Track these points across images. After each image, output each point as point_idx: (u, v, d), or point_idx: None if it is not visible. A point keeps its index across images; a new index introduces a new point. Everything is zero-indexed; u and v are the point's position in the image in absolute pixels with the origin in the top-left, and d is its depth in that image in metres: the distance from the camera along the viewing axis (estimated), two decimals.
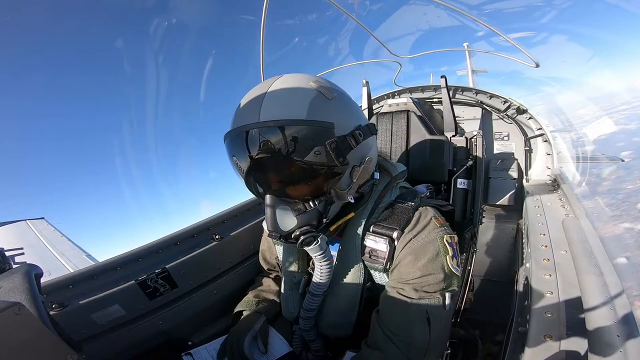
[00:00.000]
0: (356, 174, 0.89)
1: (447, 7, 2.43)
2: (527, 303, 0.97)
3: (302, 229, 0.88)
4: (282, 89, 0.83)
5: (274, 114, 0.79)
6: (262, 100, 0.81)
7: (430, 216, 0.98)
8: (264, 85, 0.86)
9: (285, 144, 0.78)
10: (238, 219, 1.67)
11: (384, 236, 0.95)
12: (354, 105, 0.95)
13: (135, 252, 1.34)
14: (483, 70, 7.62)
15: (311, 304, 1.06)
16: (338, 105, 0.86)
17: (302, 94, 0.82)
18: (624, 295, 0.82)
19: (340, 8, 2.42)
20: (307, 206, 0.88)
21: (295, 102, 0.81)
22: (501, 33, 2.55)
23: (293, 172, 0.83)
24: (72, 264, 4.84)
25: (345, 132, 0.85)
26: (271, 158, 0.81)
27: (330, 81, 0.94)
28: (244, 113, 0.83)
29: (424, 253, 0.90)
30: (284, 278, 1.18)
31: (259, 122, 0.79)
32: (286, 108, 0.80)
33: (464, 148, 1.79)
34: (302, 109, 0.80)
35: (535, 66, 2.63)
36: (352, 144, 0.85)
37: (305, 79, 0.86)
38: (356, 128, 0.88)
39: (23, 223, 5.93)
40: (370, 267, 0.99)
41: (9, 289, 0.67)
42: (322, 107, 0.82)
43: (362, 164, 0.90)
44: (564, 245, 1.17)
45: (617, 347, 0.64)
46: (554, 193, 1.81)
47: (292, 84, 0.85)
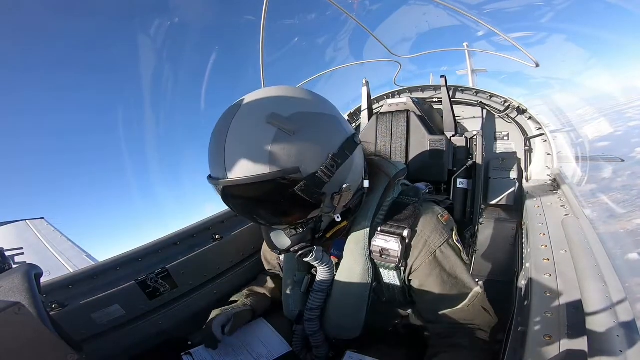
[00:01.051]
0: (336, 200, 0.89)
1: (447, 7, 2.43)
2: (527, 303, 0.97)
3: (297, 246, 0.93)
4: (239, 136, 0.78)
5: (237, 171, 0.77)
6: (223, 152, 0.78)
7: (437, 214, 1.02)
8: (222, 129, 0.80)
9: (256, 194, 0.80)
10: (238, 219, 1.67)
11: (395, 235, 0.96)
12: (327, 125, 0.85)
13: (135, 252, 1.34)
14: (483, 70, 7.63)
15: (315, 302, 1.07)
16: (303, 138, 0.79)
17: (260, 140, 0.76)
18: (624, 296, 0.82)
19: (340, 8, 2.42)
20: (297, 229, 0.92)
21: (254, 154, 0.76)
22: (501, 33, 2.55)
23: (270, 213, 0.88)
24: (72, 264, 4.84)
25: (314, 169, 0.80)
26: (248, 205, 0.86)
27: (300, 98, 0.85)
28: (214, 164, 0.82)
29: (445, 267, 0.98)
30: (285, 277, 1.19)
31: (227, 180, 0.78)
32: (246, 163, 0.76)
33: (464, 148, 1.79)
34: (263, 160, 0.76)
35: (535, 66, 2.62)
36: (325, 178, 0.81)
37: (264, 114, 0.78)
38: (328, 159, 0.82)
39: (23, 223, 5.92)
40: (381, 265, 1.00)
41: (9, 289, 0.67)
42: (285, 149, 0.76)
43: (342, 190, 0.88)
44: (564, 245, 1.16)
45: (617, 347, 0.64)
46: (554, 193, 1.81)
47: (248, 126, 0.78)
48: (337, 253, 1.06)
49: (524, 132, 2.35)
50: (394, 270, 0.99)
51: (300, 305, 1.13)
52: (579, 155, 2.35)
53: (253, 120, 0.78)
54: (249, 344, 1.13)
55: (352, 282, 1.01)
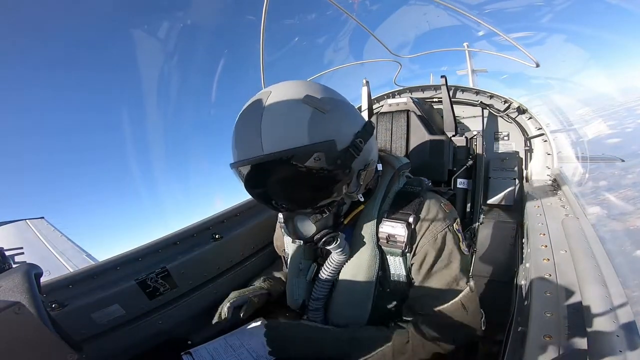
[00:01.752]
0: (362, 177, 0.95)
1: (447, 7, 2.43)
2: (527, 303, 0.97)
3: (321, 232, 0.95)
4: (276, 113, 0.83)
5: (276, 143, 0.81)
6: (260, 128, 0.82)
7: (440, 202, 1.06)
8: (255, 108, 0.85)
9: (292, 171, 0.83)
10: (238, 219, 1.67)
11: (401, 221, 0.99)
12: (349, 109, 0.95)
13: (135, 251, 1.34)
14: (483, 70, 7.61)
15: (320, 292, 1.08)
16: (335, 117, 0.87)
17: (299, 115, 0.82)
18: (623, 296, 0.82)
19: (340, 8, 2.42)
20: (322, 213, 0.94)
21: (293, 127, 0.82)
22: (501, 33, 2.55)
23: (303, 192, 0.90)
24: (72, 263, 4.84)
25: (346, 144, 0.87)
26: (280, 184, 0.87)
27: (322, 86, 0.94)
28: (245, 144, 0.85)
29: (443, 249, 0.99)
30: (289, 266, 1.19)
31: (264, 154, 0.81)
32: (286, 136, 0.81)
33: (464, 148, 1.79)
34: (302, 133, 0.81)
35: (535, 66, 2.62)
36: (355, 153, 0.88)
37: (297, 95, 0.85)
38: (355, 136, 0.90)
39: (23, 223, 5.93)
40: (388, 252, 1.02)
41: (9, 289, 0.67)
42: (321, 125, 0.83)
43: (367, 166, 0.95)
44: (564, 245, 1.17)
45: (616, 347, 0.64)
46: (554, 193, 1.81)
47: (284, 105, 0.84)
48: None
49: (524, 132, 2.35)
50: (400, 256, 1.01)
51: (304, 294, 1.13)
52: (579, 155, 2.35)
53: (290, 99, 0.84)
54: (248, 342, 1.13)
55: (360, 269, 1.03)
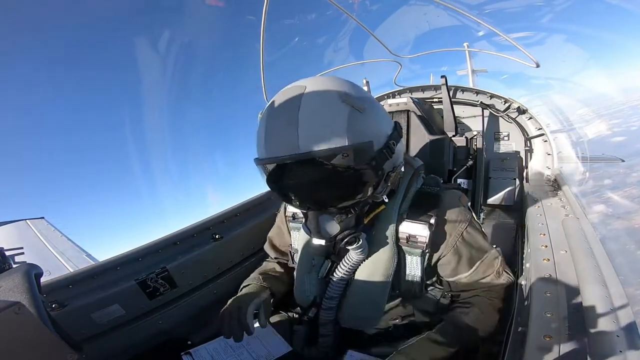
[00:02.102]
0: (391, 178, 0.94)
1: (447, 7, 2.43)
2: (527, 303, 0.97)
3: (344, 232, 0.92)
4: (314, 110, 0.81)
5: (315, 142, 0.78)
6: (297, 124, 0.79)
7: (457, 196, 1.09)
8: (292, 104, 0.82)
9: (325, 170, 0.82)
10: (238, 219, 1.67)
11: (423, 222, 1.00)
12: (381, 109, 0.95)
13: (135, 252, 1.34)
14: (483, 70, 7.61)
15: (335, 291, 1.06)
16: (371, 117, 0.86)
17: (337, 115, 0.80)
18: (624, 296, 0.82)
19: (340, 8, 2.42)
20: (348, 214, 0.92)
21: (333, 126, 0.80)
22: (501, 33, 2.55)
23: (332, 192, 0.88)
24: (72, 263, 4.83)
25: (381, 145, 0.87)
26: (310, 184, 0.85)
27: (353, 83, 0.92)
28: (279, 140, 0.82)
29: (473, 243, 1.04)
30: (300, 261, 1.16)
31: (301, 152, 0.79)
32: (325, 136, 0.79)
33: (464, 148, 1.79)
34: (341, 133, 0.79)
35: (535, 66, 2.62)
36: (388, 155, 0.88)
37: (334, 93, 0.83)
38: (389, 137, 0.90)
39: (23, 223, 5.92)
40: (407, 252, 1.03)
41: (9, 289, 0.67)
42: (358, 125, 0.82)
43: (396, 168, 0.95)
44: (564, 245, 1.16)
45: (616, 347, 0.64)
46: (554, 193, 1.81)
47: (322, 102, 0.82)
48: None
49: (524, 132, 2.35)
50: (419, 256, 1.02)
51: (316, 290, 1.11)
52: (580, 155, 2.35)
53: (327, 97, 0.82)
54: (248, 343, 1.13)
55: (378, 268, 1.02)
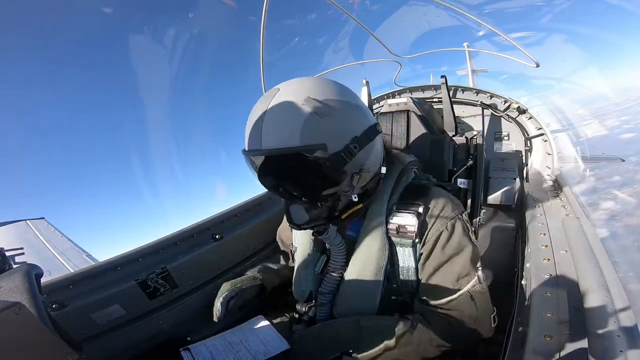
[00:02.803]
0: (355, 180, 0.96)
1: (447, 7, 2.43)
2: (527, 303, 0.97)
3: (313, 222, 0.98)
4: (277, 113, 0.89)
5: (271, 141, 0.88)
6: (261, 125, 0.89)
7: (446, 193, 1.10)
8: (262, 106, 0.91)
9: (283, 167, 0.91)
10: (238, 219, 1.67)
11: (411, 211, 1.02)
12: (353, 113, 0.96)
13: (135, 252, 1.34)
14: (483, 70, 7.61)
15: (328, 286, 1.09)
16: (331, 122, 0.89)
17: (295, 117, 0.87)
18: (624, 295, 0.82)
19: (340, 8, 2.42)
20: (316, 205, 0.97)
21: (288, 128, 0.87)
22: (501, 33, 2.55)
23: (293, 185, 0.96)
24: (72, 264, 4.84)
25: (339, 148, 0.90)
26: (274, 176, 0.95)
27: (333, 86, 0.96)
28: (250, 136, 0.92)
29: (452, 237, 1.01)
30: (298, 257, 1.21)
31: (261, 149, 0.89)
32: (280, 136, 0.87)
33: (464, 148, 1.79)
34: (294, 134, 0.86)
35: (535, 66, 2.62)
36: (347, 157, 0.91)
37: (300, 97, 0.89)
38: (351, 141, 0.92)
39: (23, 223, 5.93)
40: (398, 243, 1.04)
41: (9, 289, 0.67)
42: (315, 128, 0.87)
43: (362, 170, 0.97)
44: (564, 245, 1.17)
45: (617, 347, 0.64)
46: (554, 193, 1.81)
47: (285, 106, 0.89)
48: (353, 234, 1.11)
49: (524, 132, 2.35)
50: (411, 247, 1.02)
51: (312, 285, 1.14)
52: (580, 154, 2.35)
53: (291, 100, 0.89)
54: (247, 340, 1.13)
55: (369, 261, 1.03)
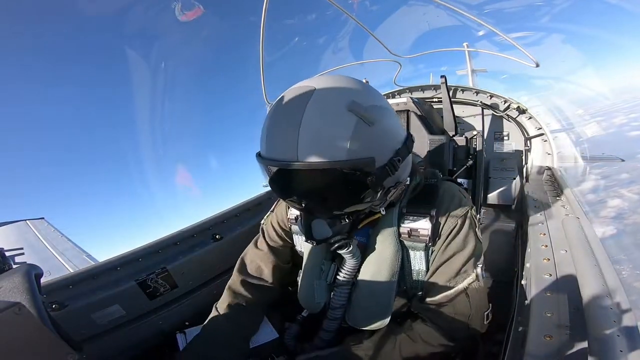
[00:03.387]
0: (391, 193, 0.91)
1: (447, 7, 2.43)
2: (527, 303, 0.97)
3: (335, 237, 0.91)
4: (318, 118, 0.76)
5: (313, 153, 0.75)
6: (298, 131, 0.75)
7: (456, 188, 1.07)
8: (297, 107, 0.77)
9: (321, 179, 0.78)
10: (238, 219, 1.67)
11: (423, 215, 0.98)
12: (393, 120, 0.88)
13: (135, 252, 1.34)
14: (483, 70, 7.60)
15: (339, 300, 1.05)
16: (379, 131, 0.80)
17: (341, 126, 0.75)
18: (624, 295, 0.82)
19: (340, 8, 2.42)
20: (341, 220, 0.90)
21: (334, 140, 0.75)
22: (501, 33, 2.55)
23: (328, 201, 0.86)
24: (72, 264, 4.83)
25: (384, 162, 0.81)
26: (307, 190, 0.83)
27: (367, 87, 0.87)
28: (280, 143, 0.79)
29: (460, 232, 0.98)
30: (307, 266, 1.13)
31: (298, 162, 0.75)
32: (325, 149, 0.75)
33: (464, 148, 1.79)
34: (342, 147, 0.75)
35: (535, 66, 2.62)
36: (390, 172, 0.83)
37: (342, 101, 0.77)
38: (395, 154, 0.84)
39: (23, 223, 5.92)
40: (410, 247, 1.01)
41: (9, 289, 0.67)
42: (363, 140, 0.77)
43: (398, 184, 0.91)
44: (564, 245, 1.16)
45: (617, 347, 0.64)
46: (554, 192, 1.81)
47: (328, 110, 0.77)
48: (361, 240, 1.06)
49: (524, 132, 2.35)
50: (423, 250, 1.00)
51: (325, 296, 1.08)
52: (580, 154, 2.35)
53: (334, 105, 0.77)
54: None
55: (382, 267, 1.01)
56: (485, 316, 1.01)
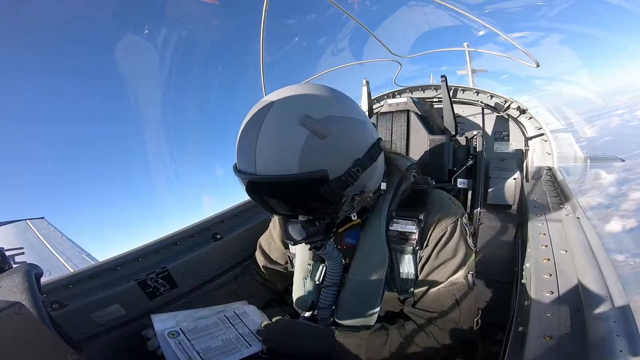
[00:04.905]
0: (356, 201, 0.93)
1: (447, 7, 2.43)
2: (527, 303, 0.97)
3: (310, 239, 0.95)
4: (271, 135, 0.81)
5: (267, 168, 0.81)
6: (254, 147, 0.81)
7: (447, 196, 1.09)
8: (254, 125, 0.82)
9: (279, 193, 0.85)
10: (238, 219, 1.67)
11: (411, 218, 1.00)
12: (355, 129, 0.88)
13: (135, 252, 1.34)
14: (483, 69, 7.60)
15: (327, 300, 1.08)
16: (332, 144, 0.81)
17: (292, 141, 0.79)
18: (624, 295, 0.82)
19: (340, 8, 2.42)
20: (314, 223, 0.93)
21: (284, 154, 0.79)
22: (501, 33, 2.55)
23: (292, 208, 0.90)
24: (72, 263, 4.84)
25: (340, 172, 0.83)
26: (272, 199, 0.88)
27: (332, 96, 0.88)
28: (243, 157, 0.85)
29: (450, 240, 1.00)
30: (297, 267, 1.20)
31: (255, 175, 0.82)
32: (276, 162, 0.80)
33: (464, 148, 1.79)
34: (292, 161, 0.79)
35: (535, 66, 2.62)
36: (348, 182, 0.85)
37: (296, 115, 0.80)
38: (354, 164, 0.85)
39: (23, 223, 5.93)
40: (398, 250, 1.02)
41: (9, 289, 0.67)
42: (314, 154, 0.80)
43: (363, 193, 0.92)
44: (564, 245, 1.16)
45: (616, 347, 0.64)
46: (554, 193, 1.81)
47: (281, 127, 0.81)
48: (351, 241, 1.10)
49: (524, 132, 2.35)
50: (411, 254, 1.01)
51: (313, 295, 1.14)
52: (579, 154, 2.35)
53: (286, 120, 0.81)
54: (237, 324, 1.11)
55: (370, 269, 1.03)
56: (475, 322, 1.03)
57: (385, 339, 0.99)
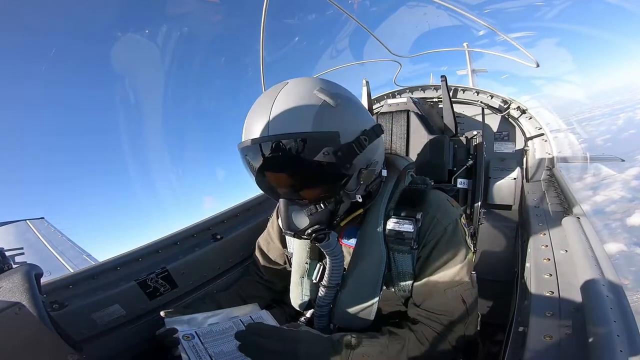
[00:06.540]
0: (363, 176, 0.95)
1: (447, 7, 2.43)
2: (527, 303, 0.97)
3: (313, 227, 0.94)
4: (287, 100, 0.86)
5: (282, 127, 0.84)
6: (269, 113, 0.86)
7: (445, 197, 1.09)
8: (270, 96, 0.89)
9: (292, 154, 0.85)
10: (238, 219, 1.67)
11: (409, 217, 1.00)
12: (360, 109, 0.98)
13: (135, 252, 1.34)
14: (483, 70, 7.60)
15: (325, 299, 1.07)
16: (343, 112, 0.89)
17: (307, 105, 0.86)
18: (624, 295, 0.82)
19: (340, 8, 2.42)
20: (318, 207, 0.93)
21: (300, 114, 0.85)
22: (501, 33, 2.55)
23: (301, 179, 0.92)
24: (72, 264, 4.84)
25: (350, 139, 0.89)
26: (281, 167, 0.89)
27: (337, 84, 0.97)
28: (254, 125, 0.88)
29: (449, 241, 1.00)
30: (295, 266, 1.20)
31: (269, 135, 0.85)
32: (292, 121, 0.85)
33: (464, 148, 1.79)
34: (307, 121, 0.84)
35: (535, 66, 2.62)
36: (358, 149, 0.89)
37: (310, 87, 0.88)
38: (361, 133, 0.91)
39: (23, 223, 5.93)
40: (395, 249, 1.02)
41: (9, 289, 0.67)
42: (327, 117, 0.86)
43: (369, 166, 0.96)
44: (564, 245, 1.17)
45: (617, 347, 0.64)
46: (554, 193, 1.81)
47: (296, 94, 0.87)
48: (348, 242, 1.10)
49: (524, 132, 2.35)
50: (408, 253, 1.01)
51: (310, 293, 1.14)
52: (579, 154, 2.35)
53: (302, 89, 0.88)
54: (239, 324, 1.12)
55: (367, 268, 1.03)
56: (479, 322, 1.03)
57: (403, 343, 0.98)
